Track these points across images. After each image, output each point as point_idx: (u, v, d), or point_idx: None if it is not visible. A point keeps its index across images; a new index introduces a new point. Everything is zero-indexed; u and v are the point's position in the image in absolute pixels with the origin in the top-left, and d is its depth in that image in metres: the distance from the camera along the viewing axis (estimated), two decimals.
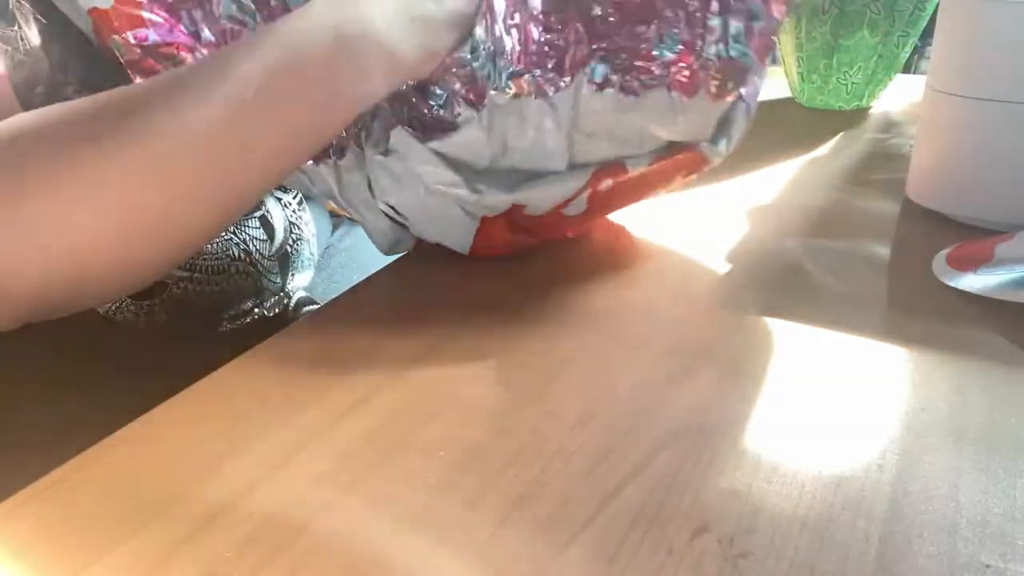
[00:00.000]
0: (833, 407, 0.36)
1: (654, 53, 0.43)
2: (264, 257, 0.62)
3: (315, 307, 0.67)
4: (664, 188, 0.52)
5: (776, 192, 0.63)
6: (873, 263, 0.50)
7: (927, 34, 0.70)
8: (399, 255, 0.56)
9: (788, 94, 0.90)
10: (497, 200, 0.47)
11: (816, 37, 0.80)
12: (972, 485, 0.31)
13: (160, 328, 0.59)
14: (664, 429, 0.35)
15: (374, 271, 0.52)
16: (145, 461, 0.35)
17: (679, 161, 0.48)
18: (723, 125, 0.48)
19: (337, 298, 0.49)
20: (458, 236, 0.50)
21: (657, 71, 0.43)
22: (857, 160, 0.69)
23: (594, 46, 0.43)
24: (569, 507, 0.31)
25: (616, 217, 0.58)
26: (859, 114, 0.84)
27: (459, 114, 0.45)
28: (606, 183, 0.48)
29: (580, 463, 0.33)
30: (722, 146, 0.49)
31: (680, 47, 0.43)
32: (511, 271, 0.51)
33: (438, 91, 0.45)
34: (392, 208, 0.49)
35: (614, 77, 0.43)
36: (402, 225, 0.51)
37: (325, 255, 0.74)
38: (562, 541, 0.29)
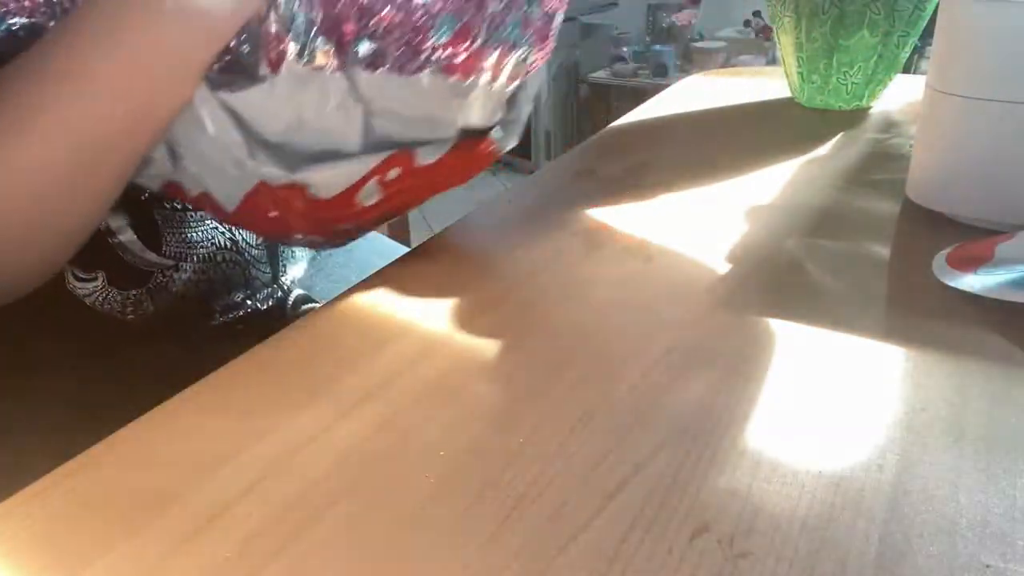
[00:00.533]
0: (833, 407, 0.36)
1: (429, 35, 0.43)
2: (251, 246, 0.62)
3: (314, 306, 0.67)
4: (459, 181, 0.51)
5: (776, 192, 0.63)
6: (873, 263, 0.50)
7: (927, 34, 0.70)
8: (399, 255, 0.56)
9: (788, 94, 0.90)
10: (272, 174, 0.44)
11: (816, 37, 0.80)
12: (972, 485, 0.31)
13: (158, 327, 0.59)
14: (664, 429, 0.35)
15: (373, 271, 0.52)
16: (145, 461, 0.35)
17: (470, 153, 0.48)
18: (508, 110, 0.49)
19: (336, 298, 0.49)
20: (227, 191, 0.47)
21: (432, 54, 0.43)
22: (857, 160, 0.69)
23: (364, 22, 0.42)
24: (569, 507, 0.31)
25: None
26: (859, 114, 0.84)
27: (261, 73, 0.42)
28: (395, 171, 0.46)
29: (580, 463, 0.33)
30: (511, 135, 0.49)
31: (457, 29, 0.43)
32: (511, 271, 0.51)
33: (245, 38, 0.42)
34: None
35: (388, 55, 0.43)
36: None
37: (323, 254, 0.74)
38: (562, 541, 0.29)
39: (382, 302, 0.48)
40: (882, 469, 0.32)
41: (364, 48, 0.43)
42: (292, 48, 0.42)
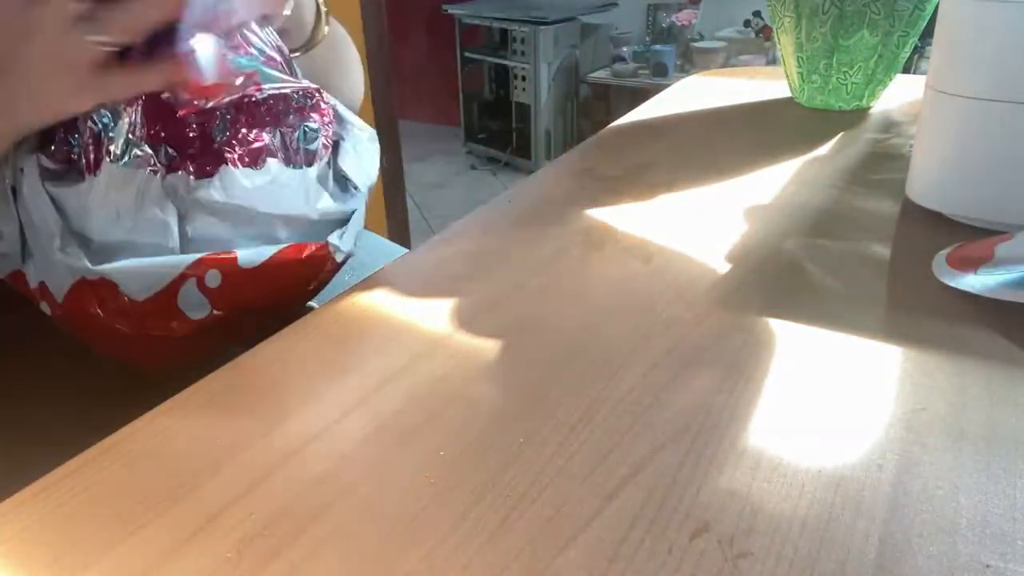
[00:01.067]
0: (833, 407, 0.36)
1: (215, 134, 0.46)
2: None
3: (313, 307, 0.67)
4: (299, 291, 0.50)
5: (776, 192, 0.63)
6: (873, 263, 0.50)
7: (927, 34, 0.70)
8: (399, 255, 0.56)
9: (788, 94, 0.90)
10: (80, 266, 0.45)
11: (816, 37, 0.80)
12: (972, 485, 0.31)
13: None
14: (664, 429, 0.35)
15: (370, 273, 0.52)
16: (145, 462, 0.35)
17: (302, 256, 0.48)
18: (339, 205, 0.52)
19: (336, 298, 0.49)
20: (56, 283, 0.47)
21: (224, 151, 0.46)
22: (857, 160, 0.69)
23: (157, 128, 0.45)
24: (569, 507, 0.31)
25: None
26: (859, 114, 0.84)
27: (83, 169, 0.45)
28: (214, 273, 0.46)
29: (580, 463, 0.33)
30: (349, 236, 0.51)
31: (231, 124, 0.47)
32: (511, 271, 0.51)
33: (74, 137, 0.46)
34: None
35: (190, 157, 0.46)
36: None
37: None
38: (562, 541, 0.29)
39: (382, 302, 0.48)
40: (882, 469, 0.32)
41: (171, 152, 0.46)
42: (113, 149, 0.45)
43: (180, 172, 0.46)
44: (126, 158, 0.45)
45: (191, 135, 0.46)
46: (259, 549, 0.29)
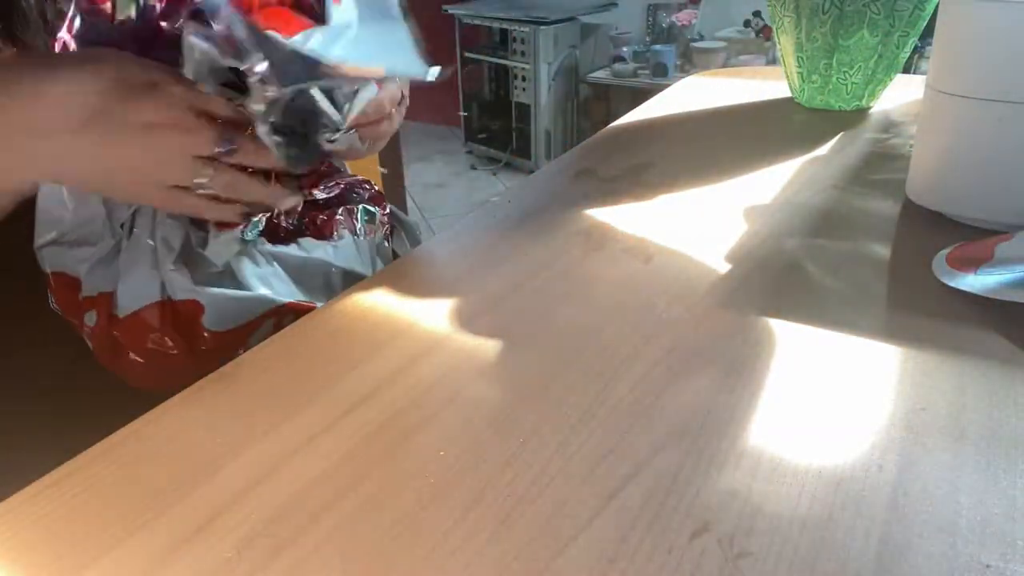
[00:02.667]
0: (833, 407, 0.36)
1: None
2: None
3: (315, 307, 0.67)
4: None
5: (776, 192, 0.63)
6: (873, 263, 0.50)
7: (927, 34, 0.70)
8: (399, 256, 0.56)
9: (788, 94, 0.90)
10: (182, 284, 0.49)
11: (816, 37, 0.80)
12: (972, 485, 0.31)
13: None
14: (664, 429, 0.35)
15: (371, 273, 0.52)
16: (145, 462, 0.35)
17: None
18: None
19: (336, 298, 0.49)
20: (130, 297, 0.50)
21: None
22: (857, 160, 0.69)
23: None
24: (569, 507, 0.31)
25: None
26: (859, 114, 0.84)
27: None
28: (290, 318, 0.50)
29: (580, 463, 0.33)
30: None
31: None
32: (511, 272, 0.51)
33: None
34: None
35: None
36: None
37: None
38: (562, 541, 0.29)
39: (382, 302, 0.48)
40: (882, 469, 0.32)
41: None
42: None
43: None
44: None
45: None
46: (259, 549, 0.29)
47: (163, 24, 0.45)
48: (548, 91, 3.32)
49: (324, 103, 0.44)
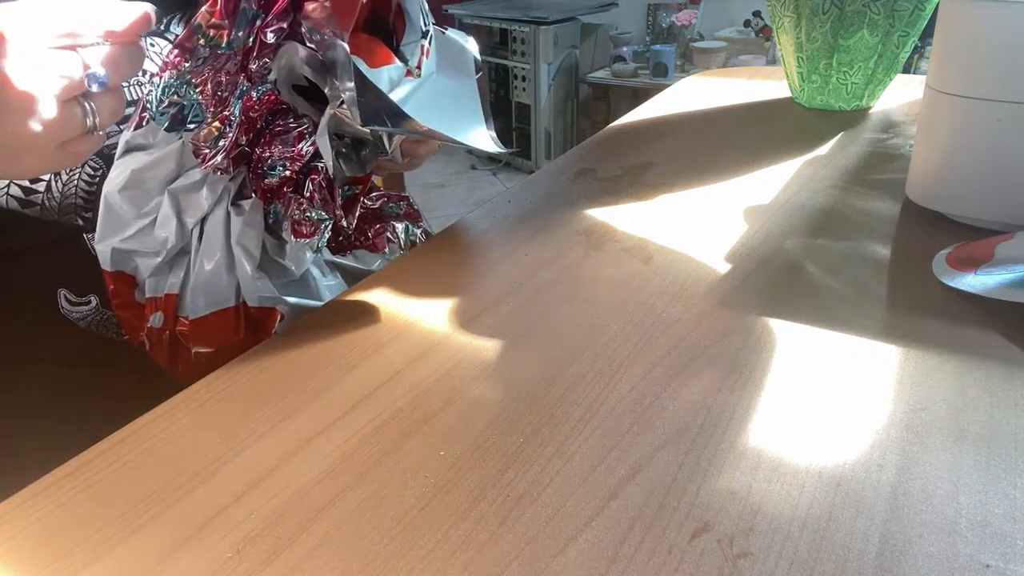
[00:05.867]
0: (833, 407, 0.36)
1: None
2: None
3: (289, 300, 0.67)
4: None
5: (776, 192, 0.63)
6: (873, 263, 0.50)
7: (927, 34, 0.70)
8: (398, 257, 0.56)
9: (788, 94, 0.90)
10: (267, 293, 0.49)
11: (816, 37, 0.80)
12: (972, 485, 0.31)
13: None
14: (664, 429, 0.35)
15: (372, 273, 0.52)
16: (145, 462, 0.35)
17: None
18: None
19: (336, 297, 0.49)
20: (204, 301, 0.50)
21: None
22: (857, 160, 0.69)
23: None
24: (569, 507, 0.31)
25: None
26: (859, 114, 0.84)
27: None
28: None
29: (580, 463, 0.33)
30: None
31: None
32: (511, 271, 0.51)
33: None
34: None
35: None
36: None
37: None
38: (562, 541, 0.29)
39: (382, 302, 0.48)
40: (882, 469, 0.32)
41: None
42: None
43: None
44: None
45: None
46: (259, 549, 0.29)
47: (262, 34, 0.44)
48: (548, 91, 3.32)
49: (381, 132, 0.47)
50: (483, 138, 0.53)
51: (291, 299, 0.50)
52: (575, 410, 0.36)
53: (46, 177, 0.52)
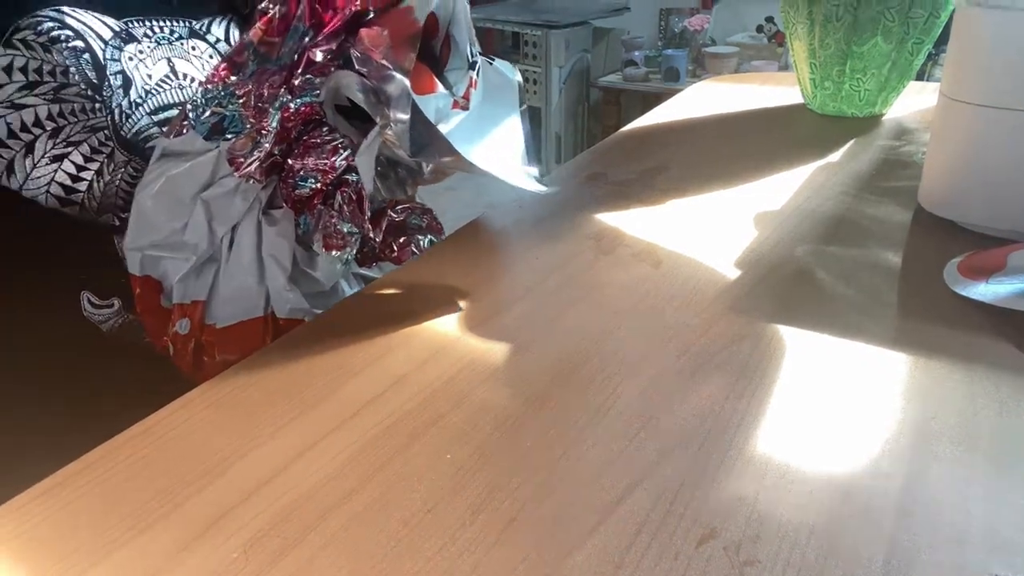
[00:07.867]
0: (842, 414, 0.36)
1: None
2: None
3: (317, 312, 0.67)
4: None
5: (787, 198, 0.62)
6: (884, 271, 0.50)
7: (941, 41, 0.70)
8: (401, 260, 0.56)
9: (800, 100, 0.90)
10: (299, 305, 0.50)
11: (830, 44, 0.80)
12: (981, 494, 0.31)
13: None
14: (672, 434, 0.35)
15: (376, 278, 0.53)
16: (152, 461, 0.35)
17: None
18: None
19: (343, 300, 0.49)
20: (231, 310, 0.51)
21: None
22: (869, 167, 0.69)
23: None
24: (575, 512, 0.31)
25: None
26: (872, 121, 0.84)
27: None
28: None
29: (586, 468, 0.33)
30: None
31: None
32: (521, 275, 0.51)
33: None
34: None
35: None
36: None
37: None
38: (568, 546, 0.29)
39: (391, 305, 0.48)
40: (891, 477, 0.32)
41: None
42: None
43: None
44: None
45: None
46: (266, 549, 0.29)
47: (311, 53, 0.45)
48: (559, 95, 3.32)
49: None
50: (522, 175, 0.53)
51: (318, 311, 0.50)
52: (583, 414, 0.36)
53: (88, 176, 0.52)
